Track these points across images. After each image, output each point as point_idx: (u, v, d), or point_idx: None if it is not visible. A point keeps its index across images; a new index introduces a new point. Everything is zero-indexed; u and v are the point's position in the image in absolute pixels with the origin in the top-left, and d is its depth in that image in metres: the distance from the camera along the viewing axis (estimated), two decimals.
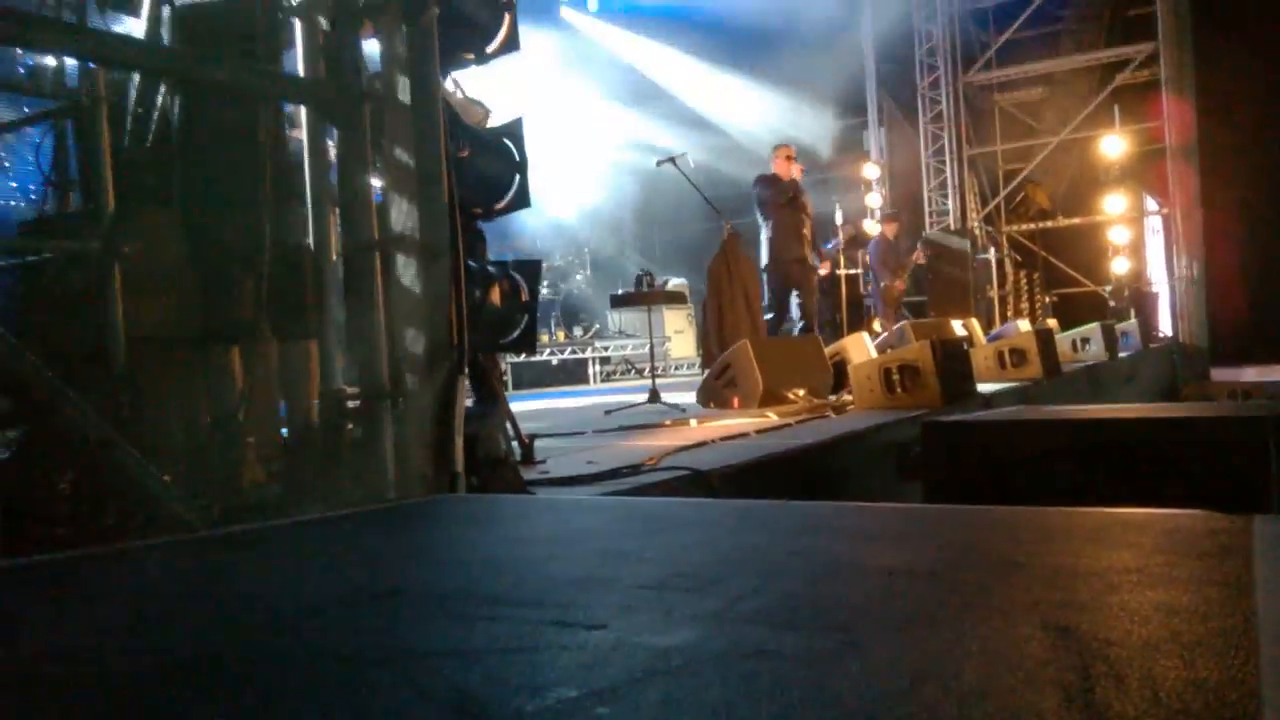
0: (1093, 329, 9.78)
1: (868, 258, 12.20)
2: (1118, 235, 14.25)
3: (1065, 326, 10.53)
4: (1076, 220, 14.95)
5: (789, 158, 9.04)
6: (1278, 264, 12.40)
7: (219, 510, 2.44)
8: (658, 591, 1.42)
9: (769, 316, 8.91)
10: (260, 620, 1.45)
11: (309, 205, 2.97)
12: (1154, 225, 14.65)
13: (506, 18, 3.57)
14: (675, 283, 13.82)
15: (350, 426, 2.85)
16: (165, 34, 2.89)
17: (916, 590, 1.40)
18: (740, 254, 8.40)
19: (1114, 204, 14.11)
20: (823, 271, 10.30)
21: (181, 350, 2.79)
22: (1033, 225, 15.25)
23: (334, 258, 2.96)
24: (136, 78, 2.86)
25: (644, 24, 14.16)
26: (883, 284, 11.92)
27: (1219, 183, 13.02)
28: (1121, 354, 10.21)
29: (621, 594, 1.43)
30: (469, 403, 3.03)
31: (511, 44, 3.60)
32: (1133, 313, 12.91)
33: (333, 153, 3.01)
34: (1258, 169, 12.81)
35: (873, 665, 1.05)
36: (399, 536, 2.24)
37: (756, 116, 13.83)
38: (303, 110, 2.99)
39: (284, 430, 2.94)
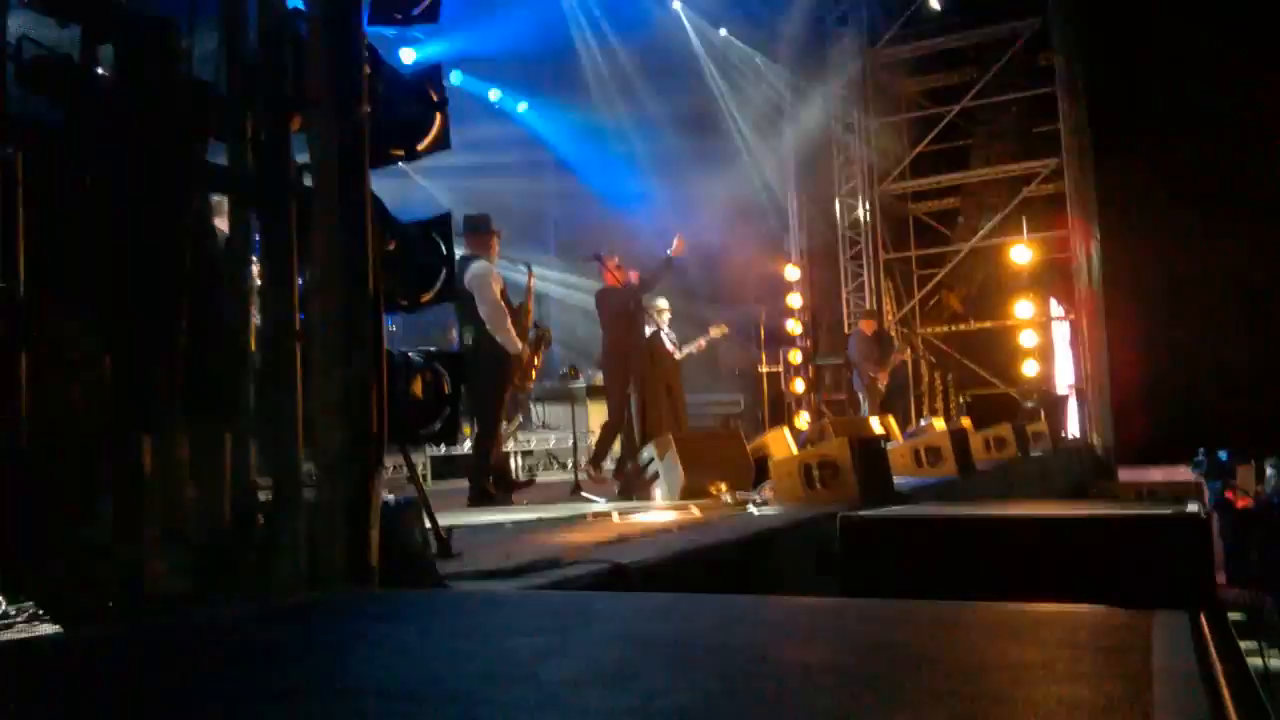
0: (1005, 429, 10.05)
1: (848, 354, 12.77)
2: (1027, 339, 14.73)
3: (979, 426, 10.78)
4: (988, 324, 15.43)
5: (617, 265, 8.12)
6: (1177, 371, 13.00)
7: (121, 605, 2.34)
8: (574, 688, 1.41)
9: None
10: None
11: (230, 292, 2.94)
12: (1061, 330, 15.18)
13: (438, 116, 3.63)
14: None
15: (262, 519, 2.78)
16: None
17: (833, 685, 1.41)
18: (662, 349, 8.47)
19: (1023, 309, 14.62)
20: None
21: (89, 437, 2.70)
22: (946, 328, 15.72)
23: (252, 346, 2.93)
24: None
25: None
26: (866, 380, 12.24)
27: (1120, 293, 13.67)
28: (1033, 454, 10.49)
29: (537, 690, 1.41)
30: (385, 495, 2.98)
31: (442, 142, 3.65)
32: (1042, 414, 13.30)
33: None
34: (1156, 281, 13.52)
35: None
36: (311, 633, 2.17)
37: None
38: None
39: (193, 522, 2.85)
